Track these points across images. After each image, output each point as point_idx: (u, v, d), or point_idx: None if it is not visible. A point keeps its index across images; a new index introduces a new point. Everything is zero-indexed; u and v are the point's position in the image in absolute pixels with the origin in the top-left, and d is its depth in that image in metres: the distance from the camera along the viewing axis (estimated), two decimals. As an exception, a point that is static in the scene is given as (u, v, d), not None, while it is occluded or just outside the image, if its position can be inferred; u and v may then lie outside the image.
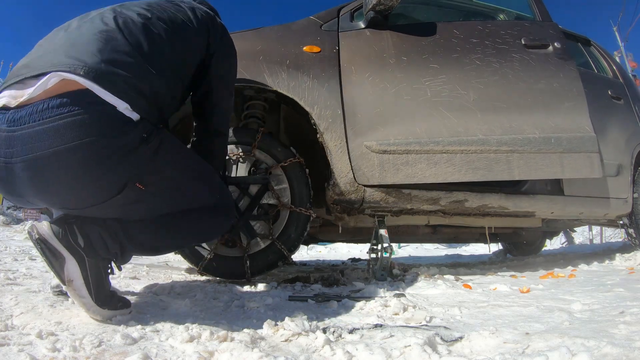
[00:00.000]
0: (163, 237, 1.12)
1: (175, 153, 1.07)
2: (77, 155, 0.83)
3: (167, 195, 1.06)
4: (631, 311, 1.04)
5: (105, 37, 0.94)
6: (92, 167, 0.87)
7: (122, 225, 1.03)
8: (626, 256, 2.46)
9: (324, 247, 7.38)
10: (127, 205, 1.00)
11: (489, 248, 3.93)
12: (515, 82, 1.94)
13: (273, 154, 1.73)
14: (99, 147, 0.86)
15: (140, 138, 0.92)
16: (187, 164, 1.11)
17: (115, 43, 0.94)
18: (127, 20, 1.03)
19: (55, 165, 0.84)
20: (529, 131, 1.89)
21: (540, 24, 2.22)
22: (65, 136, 0.81)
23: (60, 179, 0.87)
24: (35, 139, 0.82)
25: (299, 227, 1.73)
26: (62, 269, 0.92)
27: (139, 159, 0.94)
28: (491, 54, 1.95)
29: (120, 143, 0.89)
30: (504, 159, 1.82)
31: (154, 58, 1.01)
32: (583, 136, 1.98)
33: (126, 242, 1.03)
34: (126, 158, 0.91)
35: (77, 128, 0.82)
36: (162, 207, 1.07)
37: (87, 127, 0.83)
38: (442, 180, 1.77)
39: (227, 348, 0.80)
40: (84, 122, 0.83)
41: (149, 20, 1.06)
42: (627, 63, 11.02)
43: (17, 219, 7.79)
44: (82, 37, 0.95)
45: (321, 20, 1.92)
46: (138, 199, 0.99)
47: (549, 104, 1.97)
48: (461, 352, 0.82)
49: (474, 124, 1.83)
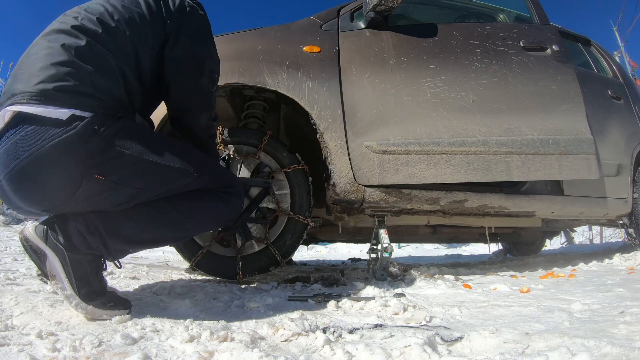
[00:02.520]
0: (146, 227, 1.10)
1: (134, 138, 1.02)
2: (32, 162, 0.93)
3: (133, 181, 1.03)
4: (631, 311, 1.04)
5: (47, 53, 0.99)
6: (46, 169, 0.94)
7: (103, 218, 1.04)
8: (626, 256, 2.46)
9: (324, 247, 7.38)
10: (95, 196, 1.01)
11: (489, 248, 3.93)
12: (514, 84, 1.95)
13: (278, 158, 1.73)
14: (46, 151, 0.92)
15: (91, 130, 0.95)
16: (149, 147, 1.04)
17: (55, 57, 0.98)
18: (69, 27, 1.03)
19: (22, 174, 0.94)
20: (528, 133, 1.90)
21: (538, 26, 2.23)
22: (21, 149, 0.93)
23: (30, 186, 0.96)
24: (4, 157, 0.95)
25: (295, 234, 1.73)
26: (45, 265, 1.00)
27: (91, 150, 0.96)
28: (490, 56, 1.96)
29: (68, 141, 0.93)
30: (503, 160, 1.84)
31: (95, 56, 1.02)
32: (580, 138, 1.99)
33: (106, 235, 1.03)
34: (75, 153, 0.95)
35: (26, 140, 0.93)
36: (134, 195, 1.05)
37: (32, 137, 0.93)
38: (441, 181, 1.77)
39: (227, 348, 0.80)
40: (29, 134, 0.93)
41: (91, 18, 1.06)
42: (627, 63, 11.01)
43: (17, 219, 7.78)
44: (30, 62, 1.01)
45: (321, 20, 1.92)
46: (103, 189, 1.00)
47: (547, 106, 1.98)
48: (461, 352, 0.82)
49: (474, 125, 1.84)
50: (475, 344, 0.86)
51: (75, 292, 0.99)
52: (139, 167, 1.02)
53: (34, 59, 1.00)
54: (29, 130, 0.93)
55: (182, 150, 1.12)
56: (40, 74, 0.96)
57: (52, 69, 0.96)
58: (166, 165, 1.05)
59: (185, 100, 1.22)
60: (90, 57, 1.01)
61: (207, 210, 1.16)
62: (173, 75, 1.17)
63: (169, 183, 1.08)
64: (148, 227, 1.10)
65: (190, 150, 1.17)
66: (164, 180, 1.07)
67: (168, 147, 1.09)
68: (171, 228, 1.13)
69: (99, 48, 1.03)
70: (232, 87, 1.76)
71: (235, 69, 1.70)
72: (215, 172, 1.18)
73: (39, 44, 1.03)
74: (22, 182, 0.95)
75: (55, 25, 1.07)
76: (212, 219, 1.22)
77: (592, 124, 2.38)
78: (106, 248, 1.05)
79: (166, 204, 1.09)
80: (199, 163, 1.13)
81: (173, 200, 1.10)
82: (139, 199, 1.06)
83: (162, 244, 1.27)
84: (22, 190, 0.97)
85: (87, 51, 1.01)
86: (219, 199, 1.16)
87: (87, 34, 1.03)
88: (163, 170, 1.06)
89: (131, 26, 1.10)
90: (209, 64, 1.24)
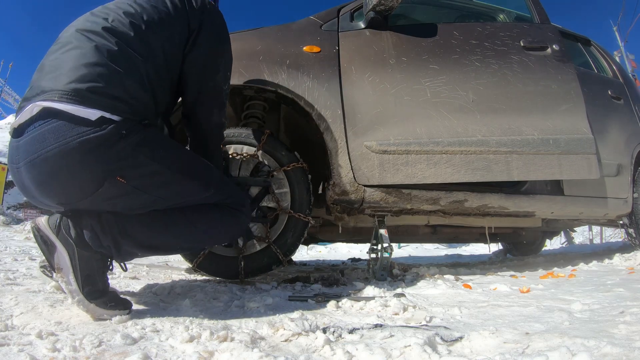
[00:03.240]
0: (159, 234, 1.12)
1: (160, 148, 1.07)
2: (57, 154, 0.95)
3: (154, 190, 1.07)
4: (631, 311, 1.04)
5: (80, 53, 1.01)
6: (70, 164, 0.96)
7: (118, 219, 1.06)
8: (626, 256, 2.46)
9: (324, 247, 7.39)
10: (114, 198, 1.04)
11: (489, 248, 3.94)
12: (514, 83, 1.95)
13: (277, 157, 1.73)
14: (73, 147, 0.94)
15: (118, 135, 0.98)
16: (173, 159, 1.10)
17: (88, 58, 1.00)
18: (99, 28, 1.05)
19: (44, 164, 0.96)
20: (528, 132, 1.90)
21: (538, 26, 2.23)
22: (48, 140, 0.95)
23: (49, 178, 0.98)
24: (29, 144, 0.97)
25: (296, 232, 1.72)
26: (53, 257, 1.01)
27: (117, 154, 0.99)
28: (490, 56, 1.96)
29: (95, 141, 0.95)
30: (503, 160, 1.84)
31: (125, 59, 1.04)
32: (581, 138, 1.99)
33: (119, 236, 1.05)
34: (102, 154, 0.97)
35: (54, 132, 0.95)
36: (151, 202, 1.08)
37: (60, 131, 0.95)
38: (441, 181, 1.78)
39: (227, 348, 0.80)
40: (57, 128, 0.95)
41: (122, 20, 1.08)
42: (627, 63, 11.01)
43: (17, 219, 7.79)
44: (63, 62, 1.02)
45: (321, 20, 1.92)
46: (122, 192, 1.03)
47: (547, 106, 1.98)
48: (461, 352, 0.82)
49: (474, 124, 1.84)
50: (475, 344, 0.86)
51: (79, 288, 0.99)
52: (161, 178, 1.07)
53: (64, 58, 1.02)
54: (58, 124, 0.95)
55: (203, 166, 1.18)
56: (71, 74, 0.98)
57: (84, 69, 0.98)
58: (187, 179, 1.11)
59: (201, 95, 1.24)
60: (121, 60, 1.03)
61: (219, 225, 1.19)
62: (192, 71, 1.20)
63: (187, 196, 1.13)
64: (160, 234, 1.12)
65: (210, 166, 1.21)
66: (183, 193, 1.12)
67: (190, 161, 1.16)
68: (182, 238, 1.16)
69: (130, 52, 1.05)
70: (232, 87, 1.75)
71: (235, 69, 1.69)
72: (230, 190, 1.23)
73: (70, 42, 1.04)
74: (42, 173, 0.97)
75: (86, 25, 1.08)
76: (223, 234, 1.25)
77: (592, 124, 2.39)
78: (117, 249, 1.06)
79: (180, 214, 1.13)
80: (217, 180, 1.19)
81: (187, 211, 1.14)
82: (156, 207, 1.10)
83: (171, 252, 1.29)
84: (40, 181, 0.98)
85: (119, 54, 1.03)
86: (230, 215, 1.20)
87: (119, 36, 1.05)
88: (183, 184, 1.11)
89: (161, 28, 1.12)
90: (226, 61, 1.29)
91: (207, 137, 1.31)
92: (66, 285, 1.00)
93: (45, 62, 1.05)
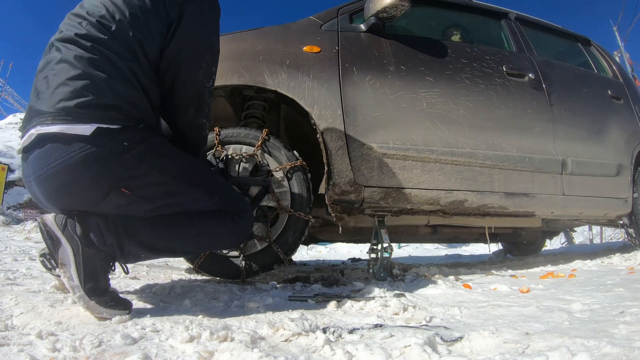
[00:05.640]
0: (163, 236, 1.13)
1: (163, 158, 1.09)
2: (61, 171, 0.99)
3: (159, 199, 1.09)
4: (631, 311, 1.04)
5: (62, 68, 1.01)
6: (75, 179, 1.00)
7: (123, 220, 1.08)
8: (626, 256, 2.46)
9: (324, 247, 7.39)
10: (120, 207, 1.07)
11: (489, 248, 3.93)
12: (497, 104, 2.09)
13: (276, 156, 1.73)
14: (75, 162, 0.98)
15: (121, 147, 1.00)
16: (177, 168, 1.11)
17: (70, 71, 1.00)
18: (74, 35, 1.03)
19: (52, 179, 1.01)
20: (508, 149, 2.05)
21: (518, 55, 2.36)
22: (52, 157, 0.99)
23: (56, 192, 1.03)
24: (34, 163, 1.02)
25: (297, 231, 1.72)
26: (57, 252, 1.02)
27: (121, 166, 1.01)
28: (478, 76, 2.09)
29: (97, 155, 0.99)
30: (487, 172, 1.98)
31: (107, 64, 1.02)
32: (550, 159, 2.16)
33: (124, 236, 1.07)
34: (106, 167, 1.00)
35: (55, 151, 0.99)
36: (157, 209, 1.11)
37: (60, 150, 0.98)
38: (434, 187, 1.85)
39: (227, 348, 0.80)
40: (55, 148, 0.99)
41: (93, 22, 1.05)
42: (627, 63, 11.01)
43: (17, 219, 7.79)
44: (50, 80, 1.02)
45: (321, 20, 1.92)
46: (127, 202, 1.06)
47: (524, 127, 2.14)
48: (461, 352, 0.82)
49: (463, 137, 1.95)
50: (475, 344, 0.86)
51: (81, 284, 1.00)
52: (166, 188, 1.09)
53: (50, 75, 1.03)
54: (55, 145, 0.98)
55: (206, 174, 1.19)
56: (59, 92, 0.99)
57: (70, 84, 0.99)
58: (191, 189, 1.13)
59: (174, 91, 1.16)
60: (103, 64, 1.02)
61: (222, 231, 1.20)
62: (167, 65, 1.13)
63: (191, 204, 1.15)
64: (165, 237, 1.14)
65: (213, 173, 1.22)
66: (187, 201, 1.14)
67: (194, 169, 1.16)
68: (186, 241, 1.18)
69: (109, 54, 1.03)
70: (232, 87, 1.75)
71: (235, 69, 1.70)
72: (233, 198, 1.24)
73: (53, 57, 1.04)
74: (51, 187, 1.02)
75: (65, 32, 1.06)
76: (226, 239, 1.26)
77: (593, 124, 2.40)
78: (121, 248, 1.07)
79: (186, 219, 1.14)
80: (220, 188, 1.20)
81: (192, 216, 1.15)
82: (161, 213, 1.12)
83: (174, 255, 1.30)
84: (49, 193, 1.04)
85: (99, 59, 1.02)
86: (233, 222, 1.21)
87: (94, 41, 1.03)
88: (187, 193, 1.12)
89: (134, 24, 1.07)
90: (208, 56, 1.19)
91: (186, 138, 1.24)
92: (68, 281, 1.01)
93: (36, 83, 1.06)
